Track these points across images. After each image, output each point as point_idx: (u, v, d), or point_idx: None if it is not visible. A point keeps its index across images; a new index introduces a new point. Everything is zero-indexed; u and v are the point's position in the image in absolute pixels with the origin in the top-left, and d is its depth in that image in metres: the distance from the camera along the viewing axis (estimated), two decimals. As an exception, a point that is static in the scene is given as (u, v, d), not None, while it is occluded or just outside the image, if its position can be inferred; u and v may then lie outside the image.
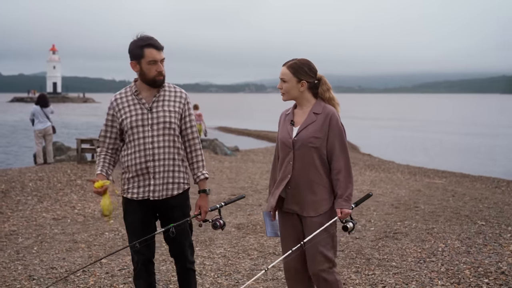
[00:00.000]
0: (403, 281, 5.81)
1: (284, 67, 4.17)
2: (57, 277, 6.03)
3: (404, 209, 9.76)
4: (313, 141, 4.04)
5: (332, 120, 4.05)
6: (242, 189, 12.33)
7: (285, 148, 4.17)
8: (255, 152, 22.63)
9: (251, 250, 7.13)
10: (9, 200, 10.65)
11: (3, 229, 8.70)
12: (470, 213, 9.37)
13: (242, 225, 8.48)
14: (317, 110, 4.12)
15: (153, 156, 4.17)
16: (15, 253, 7.18)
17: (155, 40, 4.19)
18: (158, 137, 4.19)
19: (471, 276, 5.94)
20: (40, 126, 15.74)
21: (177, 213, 4.29)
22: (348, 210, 4.02)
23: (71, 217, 9.58)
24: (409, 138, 37.17)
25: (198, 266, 6.40)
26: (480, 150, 29.58)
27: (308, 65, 4.14)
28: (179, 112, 4.29)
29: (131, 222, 4.31)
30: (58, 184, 12.31)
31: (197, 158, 4.41)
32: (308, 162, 4.07)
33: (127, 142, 4.25)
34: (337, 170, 4.06)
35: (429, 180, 14.76)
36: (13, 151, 27.92)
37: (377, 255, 6.81)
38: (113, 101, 4.32)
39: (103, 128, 4.37)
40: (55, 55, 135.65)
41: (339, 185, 4.05)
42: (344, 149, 4.07)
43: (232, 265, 6.48)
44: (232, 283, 5.86)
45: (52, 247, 7.47)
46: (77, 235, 8.19)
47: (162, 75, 4.20)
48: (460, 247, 7.14)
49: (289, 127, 4.20)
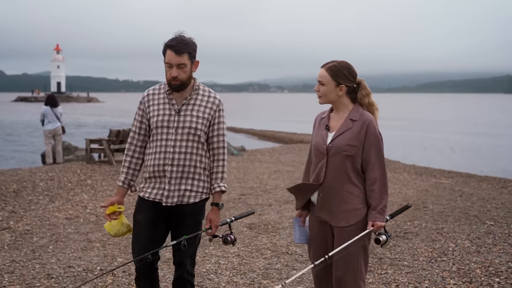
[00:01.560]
0: (415, 280, 5.91)
1: (322, 69, 3.98)
2: (75, 276, 6.14)
3: (413, 209, 9.85)
4: (348, 149, 3.88)
5: (369, 128, 3.88)
6: (251, 189, 12.43)
7: (319, 154, 4.01)
8: (261, 152, 22.72)
9: (264, 249, 7.24)
10: (21, 199, 10.76)
11: (17, 228, 8.82)
12: (479, 213, 9.46)
13: (254, 225, 8.58)
14: (354, 116, 3.94)
15: (172, 161, 4.03)
16: (31, 252, 7.29)
17: (179, 42, 3.97)
18: (181, 142, 4.04)
19: (482, 275, 6.04)
20: (50, 126, 15.87)
21: (189, 220, 4.15)
22: (381, 223, 3.86)
23: (83, 217, 9.69)
24: (414, 138, 37.21)
25: (213, 265, 6.52)
26: (483, 150, 29.65)
27: (348, 69, 3.96)
28: (208, 118, 4.12)
29: (138, 221, 4.16)
30: (69, 184, 12.42)
31: (218, 169, 4.22)
32: (341, 170, 3.91)
33: (150, 141, 4.15)
34: (372, 181, 3.90)
35: (436, 180, 14.84)
36: (20, 150, 28.07)
37: (388, 254, 6.91)
38: (145, 96, 4.19)
39: (134, 123, 4.23)
40: (59, 54, 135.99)
41: (373, 196, 3.89)
42: (380, 159, 3.91)
43: (246, 264, 6.58)
44: (247, 281, 5.96)
45: (67, 246, 7.58)
46: (91, 234, 8.30)
47: (177, 80, 3.99)
48: (470, 246, 7.23)
49: (323, 132, 4.03)
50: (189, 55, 4.00)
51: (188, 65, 4.02)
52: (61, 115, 16.23)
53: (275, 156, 20.71)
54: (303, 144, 27.95)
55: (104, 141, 15.77)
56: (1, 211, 9.81)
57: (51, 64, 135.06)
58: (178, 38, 4.00)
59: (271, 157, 20.42)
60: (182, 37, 4.02)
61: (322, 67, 3.99)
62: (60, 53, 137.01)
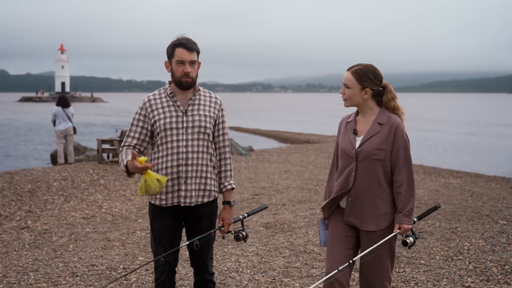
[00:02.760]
0: (434, 278, 6.02)
1: (348, 72, 3.99)
2: (99, 274, 6.27)
3: (425, 208, 9.95)
4: (378, 153, 3.89)
5: (398, 131, 3.90)
6: (264, 189, 12.55)
7: (347, 158, 4.00)
8: (269, 152, 22.84)
9: (282, 248, 7.35)
10: (37, 199, 10.90)
11: (36, 227, 8.96)
12: (491, 213, 9.58)
13: (270, 224, 8.70)
14: (381, 120, 3.95)
15: (186, 161, 4.06)
16: (52, 251, 7.43)
17: (188, 41, 4.09)
18: (193, 141, 4.09)
19: (498, 273, 6.15)
20: (61, 127, 16.03)
21: (205, 223, 4.21)
22: (408, 225, 3.87)
23: (100, 216, 9.83)
24: (420, 137, 37.27)
25: (233, 264, 6.64)
26: (489, 150, 29.70)
27: (373, 72, 3.96)
28: (214, 117, 4.21)
29: (159, 230, 4.17)
30: (82, 184, 12.55)
31: (226, 167, 4.31)
32: (371, 174, 3.91)
33: (158, 145, 4.14)
34: (399, 183, 3.90)
35: (445, 180, 14.93)
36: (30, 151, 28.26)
37: (405, 253, 7.01)
38: (146, 101, 4.19)
39: (131, 128, 4.22)
40: (63, 54, 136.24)
41: (400, 198, 3.90)
42: (407, 162, 3.91)
43: (266, 263, 6.70)
44: (269, 279, 6.08)
45: (87, 245, 7.71)
46: (109, 233, 8.43)
47: (189, 77, 4.07)
48: (485, 245, 7.34)
49: (351, 136, 4.02)
50: (197, 54, 4.14)
51: (197, 64, 4.15)
52: (73, 115, 16.37)
53: (283, 156, 20.82)
54: (310, 144, 28.07)
55: (116, 141, 15.90)
56: (18, 211, 9.96)
57: (56, 64, 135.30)
58: (186, 37, 4.11)
59: (279, 157, 20.53)
60: (188, 37, 4.13)
61: (348, 70, 4.00)
62: (65, 53, 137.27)
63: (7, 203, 10.38)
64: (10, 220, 9.37)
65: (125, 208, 10.58)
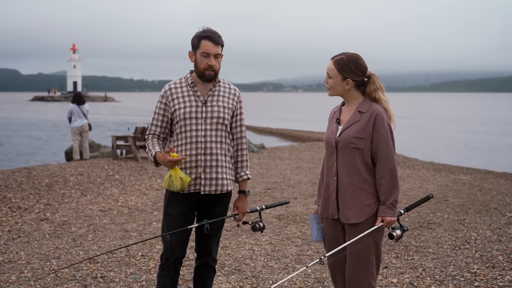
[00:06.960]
0: (441, 265, 6.24)
1: (330, 62, 3.87)
2: (119, 261, 6.53)
3: (435, 202, 10.16)
4: (355, 142, 3.74)
5: (378, 119, 3.73)
6: (276, 183, 12.80)
7: (329, 148, 3.91)
8: (280, 149, 23.05)
9: (294, 238, 7.59)
10: (54, 193, 11.18)
11: (55, 219, 9.24)
12: (499, 206, 9.77)
13: (282, 216, 8.95)
14: (362, 108, 3.81)
15: (205, 150, 4.12)
16: (72, 241, 7.70)
17: (215, 34, 4.13)
18: (211, 131, 4.15)
19: (504, 261, 6.35)
20: (77, 124, 16.34)
21: (219, 209, 4.27)
22: (392, 218, 3.70)
23: (116, 209, 10.09)
24: (429, 136, 37.33)
25: (248, 252, 6.89)
26: (502, 148, 29.75)
27: (355, 63, 3.82)
28: (232, 109, 4.27)
29: (173, 215, 4.20)
30: (98, 179, 12.83)
31: (242, 158, 4.38)
32: (350, 164, 3.78)
33: (177, 133, 4.20)
34: (380, 174, 3.73)
35: (455, 176, 15.08)
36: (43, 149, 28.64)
37: (414, 242, 7.23)
38: (167, 90, 4.26)
39: (153, 116, 4.31)
40: (75, 54, 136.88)
41: (382, 190, 3.72)
42: (388, 152, 3.73)
43: (279, 251, 6.94)
44: (282, 266, 6.32)
45: (105, 235, 7.98)
46: (126, 225, 8.69)
47: (213, 70, 4.13)
48: (492, 236, 7.54)
49: (334, 125, 3.93)
50: (222, 47, 4.19)
51: (220, 57, 4.21)
52: (88, 112, 16.68)
53: (294, 153, 21.02)
54: (321, 142, 28.21)
55: (130, 137, 16.19)
56: (37, 204, 10.24)
57: (68, 63, 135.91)
58: (212, 30, 4.16)
59: (290, 154, 20.74)
60: (213, 30, 4.18)
61: (331, 59, 3.88)
62: (77, 53, 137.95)
63: (26, 196, 10.67)
64: (29, 212, 9.65)
65: (141, 201, 10.85)
